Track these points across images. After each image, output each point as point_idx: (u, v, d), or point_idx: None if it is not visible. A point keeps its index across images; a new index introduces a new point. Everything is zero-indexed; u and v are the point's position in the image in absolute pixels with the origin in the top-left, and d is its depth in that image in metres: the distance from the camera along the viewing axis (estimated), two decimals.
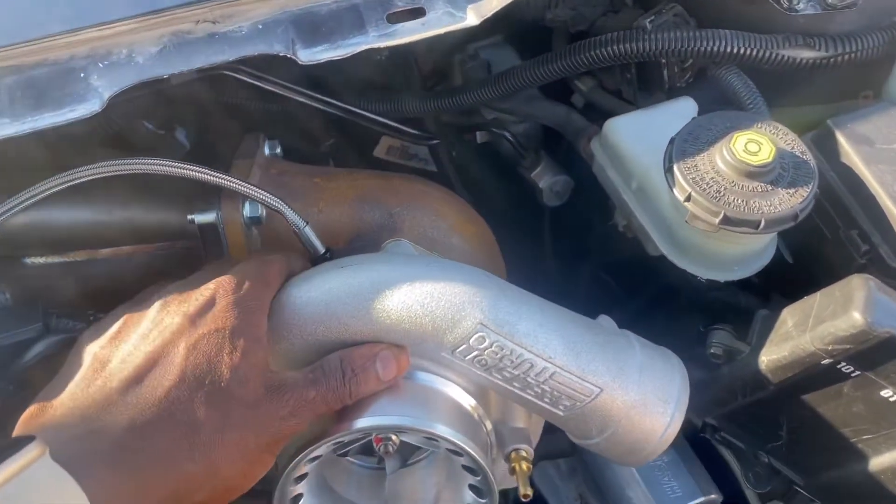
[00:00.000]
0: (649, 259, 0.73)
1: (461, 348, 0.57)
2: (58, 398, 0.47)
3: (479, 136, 0.97)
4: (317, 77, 0.89)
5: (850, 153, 0.65)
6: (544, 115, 0.86)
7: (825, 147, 0.67)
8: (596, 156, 0.74)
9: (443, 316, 0.56)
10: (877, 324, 0.53)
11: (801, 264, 0.71)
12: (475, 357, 0.57)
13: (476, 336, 0.56)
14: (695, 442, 0.87)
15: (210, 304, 0.52)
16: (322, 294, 0.56)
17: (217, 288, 0.53)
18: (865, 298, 0.54)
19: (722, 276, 0.66)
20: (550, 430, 0.84)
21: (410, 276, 0.57)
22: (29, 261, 0.70)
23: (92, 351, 0.50)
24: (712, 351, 0.68)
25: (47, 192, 0.62)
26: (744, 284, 0.77)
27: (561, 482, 0.97)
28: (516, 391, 0.59)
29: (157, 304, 0.53)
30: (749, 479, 0.73)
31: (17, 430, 0.46)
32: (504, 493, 0.92)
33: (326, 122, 1.01)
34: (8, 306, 0.60)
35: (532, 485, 1.01)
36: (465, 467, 0.57)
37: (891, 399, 0.58)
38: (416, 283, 0.56)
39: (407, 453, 0.65)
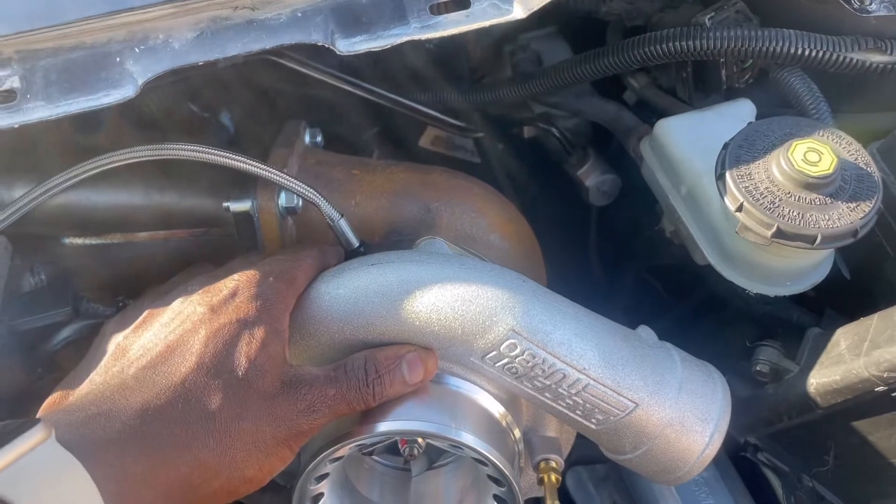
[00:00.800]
0: (696, 267, 0.69)
1: (491, 354, 0.55)
2: (76, 384, 0.46)
3: (527, 131, 0.95)
4: (363, 65, 0.88)
5: None
6: (594, 111, 0.83)
7: (892, 158, 0.62)
8: (645, 157, 0.71)
9: (473, 320, 0.54)
10: None
11: (860, 281, 0.67)
12: (506, 364, 0.55)
13: (508, 343, 0.54)
14: (737, 459, 0.84)
15: (233, 295, 0.51)
16: (349, 292, 0.55)
17: (241, 280, 0.52)
18: None
19: (772, 291, 0.63)
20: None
21: (442, 277, 0.55)
22: (67, 241, 0.70)
23: (115, 340, 0.50)
24: (758, 368, 0.65)
25: (84, 175, 0.62)
26: (796, 298, 0.73)
27: (594, 488, 0.94)
28: (547, 401, 0.56)
29: (178, 298, 0.52)
30: (791, 503, 0.70)
31: (40, 416, 0.45)
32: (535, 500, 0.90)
33: (371, 111, 0.99)
34: (41, 288, 0.60)
35: (565, 489, 0.99)
36: (491, 477, 0.55)
37: None
38: (447, 284, 0.55)
39: (434, 455, 0.63)
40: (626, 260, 0.92)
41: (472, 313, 0.54)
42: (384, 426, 0.53)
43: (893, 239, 0.63)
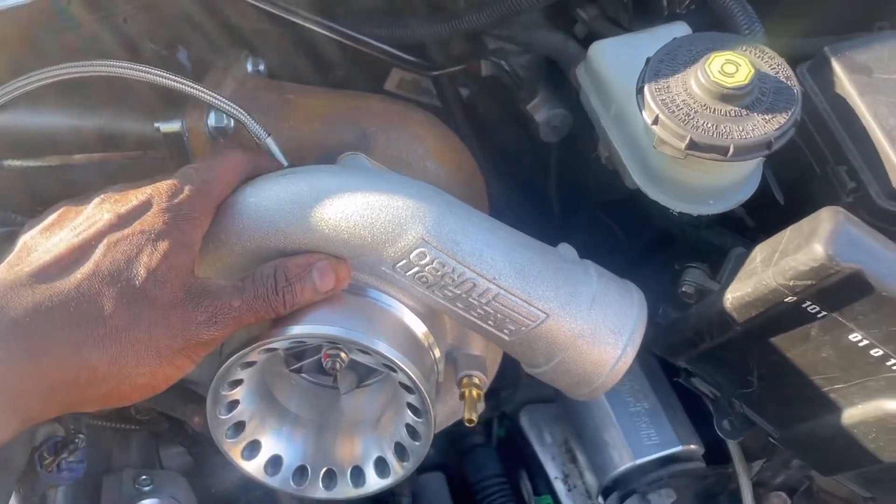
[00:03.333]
0: (639, 198, 0.69)
1: (401, 263, 0.55)
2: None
3: (484, 68, 0.94)
4: (324, 2, 0.88)
5: (845, 82, 0.60)
6: (541, 42, 0.83)
7: (820, 76, 0.62)
8: (581, 82, 0.71)
9: (383, 228, 0.54)
10: (839, 257, 0.49)
11: (792, 204, 0.67)
12: (416, 273, 0.55)
13: (417, 251, 0.55)
14: (681, 387, 0.84)
15: (144, 207, 0.52)
16: (261, 200, 0.55)
17: (154, 192, 0.53)
18: (830, 231, 0.50)
19: (695, 210, 0.63)
20: None
21: (353, 186, 0.55)
22: (6, 163, 0.71)
23: (23, 239, 0.51)
24: (684, 289, 0.65)
25: (17, 93, 0.63)
26: (735, 227, 0.73)
27: (547, 427, 0.95)
28: (460, 312, 0.57)
29: (95, 201, 0.53)
30: (722, 428, 0.70)
31: None
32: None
33: (337, 52, 0.99)
34: None
35: (519, 428, 1.00)
36: (402, 385, 0.56)
37: (860, 344, 0.54)
38: (357, 193, 0.55)
39: (363, 374, 0.64)
40: (579, 198, 0.92)
41: (382, 221, 0.54)
42: (294, 329, 0.53)
43: (821, 159, 0.62)
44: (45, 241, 0.50)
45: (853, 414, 0.59)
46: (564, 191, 0.97)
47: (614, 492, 0.80)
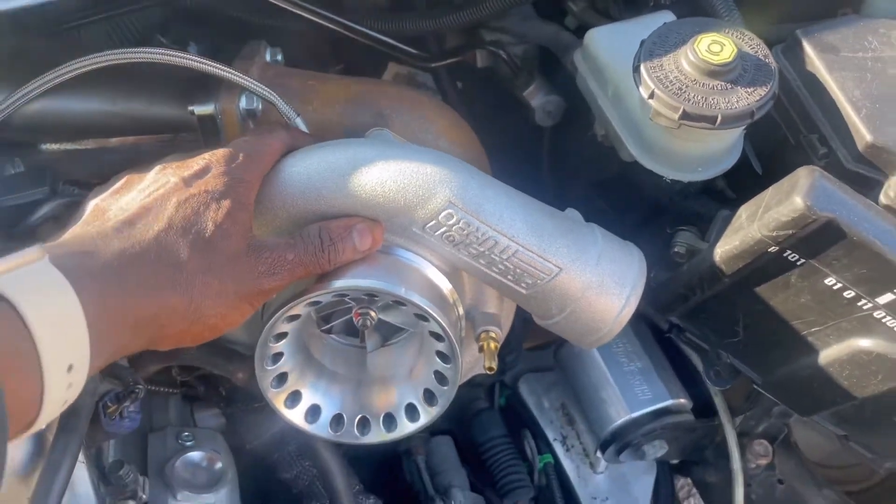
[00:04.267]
0: (628, 172, 0.76)
1: (431, 224, 0.61)
2: (63, 234, 0.52)
3: (480, 60, 1.01)
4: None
5: (815, 60, 0.68)
6: (535, 33, 0.90)
7: (792, 55, 0.69)
8: (578, 67, 0.78)
9: (415, 192, 0.61)
10: (816, 207, 0.57)
11: (770, 173, 0.74)
12: (444, 233, 0.62)
13: (445, 213, 0.61)
14: (670, 352, 0.91)
15: (204, 171, 0.57)
16: (304, 169, 0.61)
17: (212, 158, 0.58)
18: (808, 185, 0.58)
19: (686, 177, 0.70)
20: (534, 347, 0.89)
21: (386, 155, 0.62)
22: (44, 147, 0.76)
23: (94, 203, 0.56)
24: (676, 250, 0.72)
25: (57, 80, 0.69)
26: (720, 198, 0.81)
27: (544, 393, 1.02)
28: (482, 268, 0.63)
29: (157, 167, 0.58)
30: (710, 377, 0.77)
31: None
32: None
33: (337, 46, 1.05)
34: (21, 173, 0.66)
35: (518, 395, 1.06)
36: (432, 333, 0.62)
37: (834, 287, 0.62)
38: (390, 161, 0.61)
39: (387, 334, 0.70)
40: (571, 179, 0.99)
41: (414, 186, 0.61)
42: (338, 283, 0.59)
43: (795, 129, 0.70)
44: (116, 202, 0.55)
45: (829, 354, 0.67)
46: (557, 173, 1.04)
47: (612, 445, 0.87)
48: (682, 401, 0.87)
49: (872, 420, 0.71)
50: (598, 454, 0.90)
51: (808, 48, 0.68)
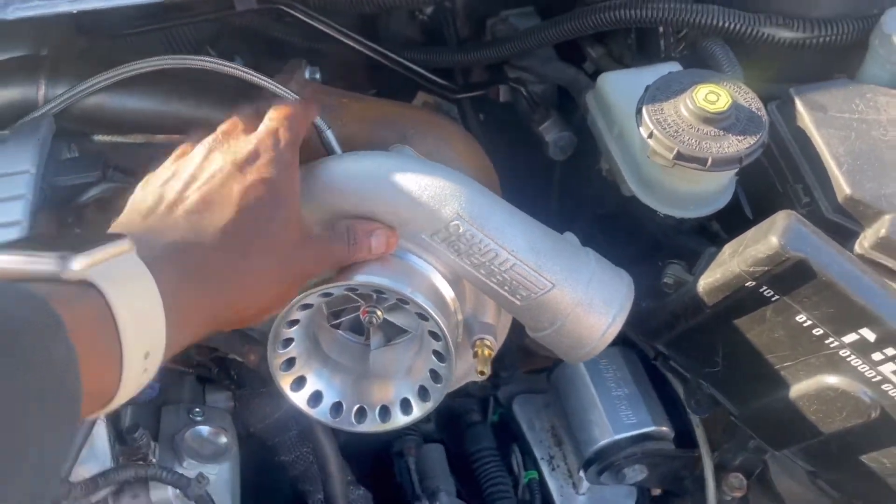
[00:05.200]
0: (628, 206, 0.82)
1: (440, 233, 0.67)
2: (128, 222, 0.55)
3: (502, 95, 1.08)
4: (368, 29, 1.01)
5: (805, 117, 0.74)
6: (556, 74, 0.97)
7: (785, 112, 0.76)
8: (589, 106, 0.84)
9: (428, 202, 0.67)
10: (789, 247, 0.62)
11: (760, 218, 0.80)
12: (450, 242, 0.68)
13: (453, 224, 0.67)
14: (657, 382, 0.96)
15: (255, 157, 0.59)
16: (333, 171, 0.68)
17: (259, 143, 0.61)
18: (784, 226, 0.63)
19: (678, 213, 0.76)
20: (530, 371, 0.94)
21: (406, 168, 0.68)
22: (96, 138, 0.83)
23: (150, 190, 0.59)
24: (665, 280, 0.77)
25: (117, 78, 0.76)
26: (712, 238, 0.86)
27: (536, 414, 1.06)
28: (482, 277, 0.69)
29: (204, 148, 0.61)
30: (691, 405, 0.82)
31: None
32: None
33: (371, 72, 1.12)
34: (74, 157, 0.73)
35: (512, 415, 1.11)
36: (431, 333, 0.68)
37: (805, 324, 0.67)
38: (409, 173, 0.68)
39: (391, 334, 0.75)
40: (579, 209, 1.05)
41: (427, 196, 0.67)
42: (356, 278, 0.66)
43: (783, 179, 0.76)
44: (173, 188, 0.57)
45: (799, 389, 0.72)
46: (565, 203, 1.10)
47: (594, 464, 0.91)
48: (665, 429, 0.92)
49: (839, 457, 0.75)
50: (581, 474, 0.94)
51: (800, 105, 0.74)
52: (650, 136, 0.70)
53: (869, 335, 0.64)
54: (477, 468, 0.98)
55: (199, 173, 0.58)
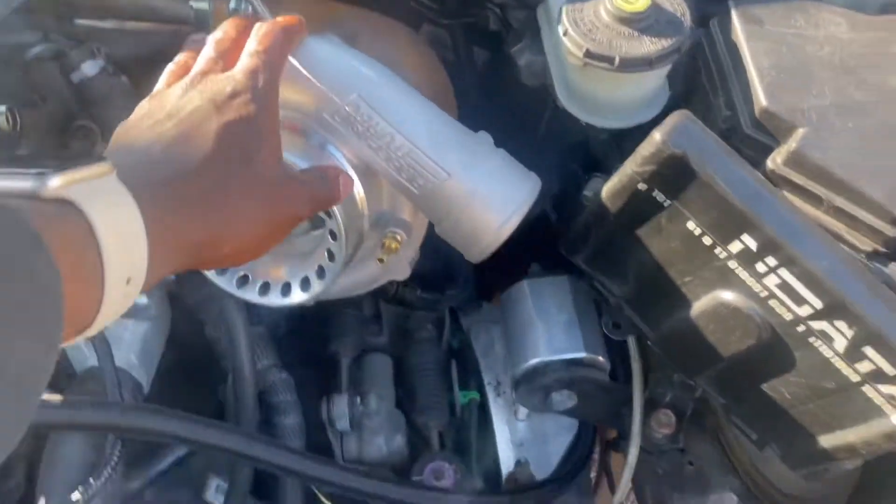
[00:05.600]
0: (564, 119, 0.81)
1: (339, 112, 0.69)
2: (109, 154, 0.53)
3: (492, 23, 1.07)
4: None
5: (738, 31, 0.71)
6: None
7: (723, 24, 0.73)
8: (539, 20, 0.84)
9: (330, 81, 0.69)
10: (670, 143, 0.60)
11: None
12: (350, 122, 0.69)
13: (351, 103, 0.69)
14: None
15: (234, 95, 0.57)
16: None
17: (238, 81, 0.58)
18: (672, 124, 0.61)
19: (598, 122, 0.74)
20: None
21: (317, 48, 0.70)
22: (80, 22, 0.89)
23: (129, 125, 0.57)
24: (585, 193, 0.76)
25: None
26: None
27: (492, 343, 1.07)
28: (382, 162, 0.70)
29: (182, 87, 0.59)
30: (608, 326, 0.80)
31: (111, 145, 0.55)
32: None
33: None
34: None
35: (469, 341, 1.11)
36: (326, 212, 0.70)
37: (695, 233, 0.65)
38: (319, 53, 0.70)
39: (318, 223, 0.78)
40: (546, 140, 1.04)
41: (331, 75, 0.69)
42: None
43: (716, 94, 0.73)
44: (149, 124, 0.56)
45: (699, 306, 0.69)
46: (538, 136, 1.09)
47: (522, 385, 0.91)
48: (599, 358, 0.90)
49: (741, 386, 0.72)
50: (513, 394, 0.94)
51: (736, 18, 0.71)
52: (565, 33, 0.69)
53: (751, 243, 0.61)
54: (417, 381, 1.00)
55: (175, 112, 0.56)
